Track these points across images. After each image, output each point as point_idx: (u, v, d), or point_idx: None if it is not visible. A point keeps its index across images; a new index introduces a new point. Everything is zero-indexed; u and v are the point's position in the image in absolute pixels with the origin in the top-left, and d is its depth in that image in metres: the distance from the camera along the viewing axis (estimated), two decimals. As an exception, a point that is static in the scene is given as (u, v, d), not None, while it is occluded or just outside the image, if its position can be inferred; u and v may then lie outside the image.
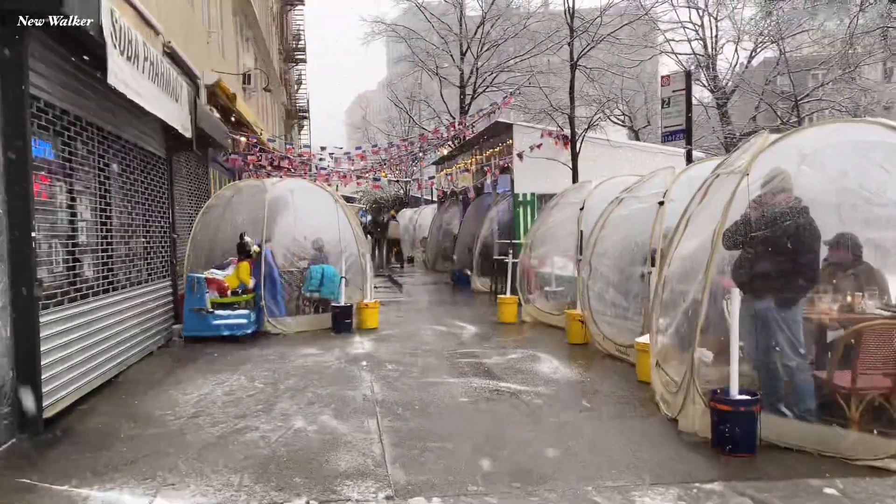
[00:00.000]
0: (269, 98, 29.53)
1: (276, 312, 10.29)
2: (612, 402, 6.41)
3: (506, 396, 6.61)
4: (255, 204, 10.80)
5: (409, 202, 41.98)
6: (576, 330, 9.19)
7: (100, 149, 7.54)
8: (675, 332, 6.01)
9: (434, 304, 14.42)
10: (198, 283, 9.69)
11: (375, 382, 7.22)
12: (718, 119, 28.64)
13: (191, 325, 9.62)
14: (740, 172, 5.31)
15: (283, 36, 38.55)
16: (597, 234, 9.09)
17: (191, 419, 5.97)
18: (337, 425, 5.72)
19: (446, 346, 9.23)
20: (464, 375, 7.49)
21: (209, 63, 15.63)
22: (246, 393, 6.85)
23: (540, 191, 15.89)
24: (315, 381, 7.28)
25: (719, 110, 28.44)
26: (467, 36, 25.72)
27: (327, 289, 10.54)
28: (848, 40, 23.91)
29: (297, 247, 11.16)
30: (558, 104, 16.61)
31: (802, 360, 5.10)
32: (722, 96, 28.20)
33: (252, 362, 8.29)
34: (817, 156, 5.76)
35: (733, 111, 29.70)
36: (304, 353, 8.76)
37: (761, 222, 5.13)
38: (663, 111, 12.11)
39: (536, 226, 12.04)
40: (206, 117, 11.92)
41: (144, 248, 9.22)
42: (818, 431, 4.98)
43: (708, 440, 5.16)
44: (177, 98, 9.23)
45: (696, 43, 28.75)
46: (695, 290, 5.54)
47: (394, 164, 19.47)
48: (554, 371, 7.69)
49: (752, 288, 5.15)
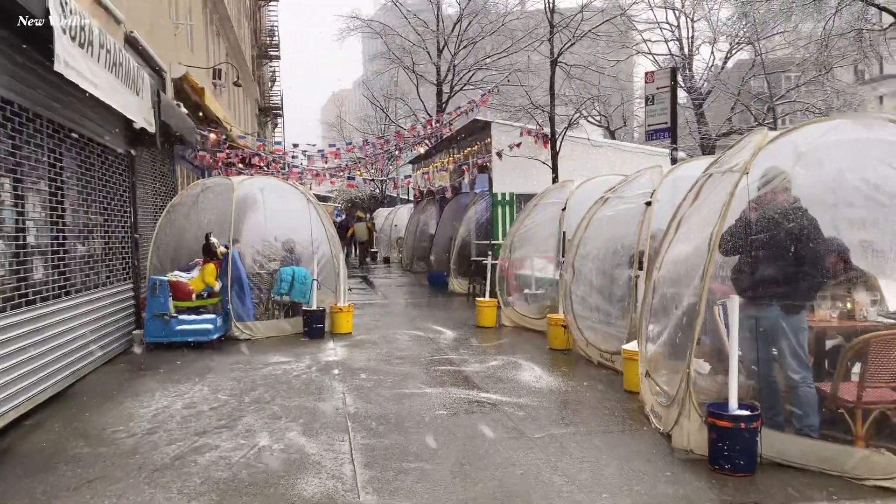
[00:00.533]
0: (240, 94, 28.86)
1: (243, 317, 9.79)
2: (599, 415, 6.04)
3: (487, 409, 6.21)
4: (221, 203, 10.28)
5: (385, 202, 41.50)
6: (558, 335, 8.84)
7: (50, 143, 7.01)
8: (667, 340, 5.66)
9: (410, 306, 13.99)
10: (160, 286, 9.16)
11: (348, 393, 6.78)
12: (695, 120, 28.61)
13: (153, 330, 9.09)
14: (739, 171, 4.97)
15: (257, 32, 37.85)
16: (580, 235, 8.74)
17: (146, 436, 5.49)
18: (305, 443, 5.28)
19: (423, 353, 8.82)
20: (442, 385, 7.08)
21: (177, 56, 15.05)
22: (208, 406, 6.37)
23: (519, 190, 15.55)
24: (283, 392, 6.82)
25: (696, 111, 28.41)
26: (444, 33, 25.30)
27: (298, 292, 10.06)
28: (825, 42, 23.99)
29: (266, 248, 10.66)
30: (538, 102, 16.26)
31: (807, 372, 4.77)
32: (698, 97, 28.16)
33: (217, 371, 7.80)
34: (814, 154, 5.45)
35: (708, 112, 29.71)
36: (273, 361, 8.29)
37: (762, 224, 4.79)
38: (647, 109, 11.78)
39: (516, 226, 11.66)
40: (172, 112, 11.39)
41: (103, 249, 8.68)
42: (822, 448, 4.65)
43: (704, 458, 4.81)
44: (138, 91, 8.70)
45: (672, 44, 28.78)
46: (689, 296, 5.19)
47: (369, 162, 18.97)
48: (536, 380, 7.32)
49: (755, 295, 4.81)
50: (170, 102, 11.57)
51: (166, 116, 10.61)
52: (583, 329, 8.47)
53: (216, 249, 9.60)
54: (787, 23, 26.33)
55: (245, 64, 29.40)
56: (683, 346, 5.20)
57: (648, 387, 6.02)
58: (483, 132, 16.54)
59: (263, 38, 39.74)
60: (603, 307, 8.21)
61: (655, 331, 5.99)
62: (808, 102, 27.82)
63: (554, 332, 8.91)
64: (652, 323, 6.10)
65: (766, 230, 4.78)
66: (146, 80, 9.15)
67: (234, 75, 18.21)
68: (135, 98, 8.59)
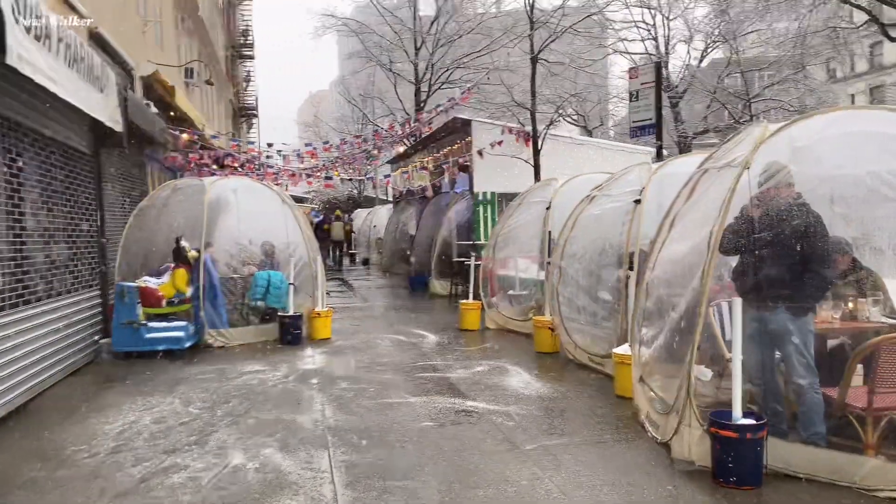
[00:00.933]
0: (214, 94, 28.29)
1: (217, 324, 9.38)
2: (592, 423, 5.75)
3: (474, 418, 5.90)
4: (193, 205, 9.86)
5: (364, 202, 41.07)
6: (545, 338, 8.56)
7: (6, 142, 6.58)
8: (663, 344, 5.38)
9: (391, 309, 13.65)
10: (128, 292, 8.74)
11: (327, 404, 6.44)
12: (672, 118, 28.57)
13: (121, 339, 8.67)
14: (739, 166, 4.70)
15: (231, 31, 37.23)
16: (566, 234, 8.46)
17: (110, 456, 5.11)
18: (282, 461, 4.93)
19: (406, 359, 8.49)
20: (426, 393, 6.76)
21: (146, 54, 14.55)
22: (178, 420, 5.99)
23: (500, 190, 15.28)
24: (259, 404, 6.45)
25: (672, 109, 28.37)
26: (422, 31, 24.95)
27: (274, 297, 9.68)
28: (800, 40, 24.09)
29: (241, 251, 10.27)
30: (519, 100, 15.98)
31: (814, 377, 4.51)
32: (675, 95, 28.13)
33: (188, 382, 7.41)
34: (813, 149, 5.21)
35: (684, 111, 29.72)
36: (249, 370, 7.90)
37: (766, 221, 4.53)
38: (631, 105, 11.55)
39: (499, 226, 11.38)
40: (141, 111, 10.93)
41: (67, 254, 8.24)
42: (830, 458, 4.40)
43: (706, 469, 4.55)
44: (102, 88, 8.28)
45: (648, 42, 28.75)
46: (688, 299, 4.91)
47: (346, 162, 18.57)
48: (525, 386, 7.02)
49: (759, 297, 4.55)
50: (138, 101, 11.11)
51: (134, 115, 10.17)
52: (570, 331, 8.20)
53: (187, 254, 9.20)
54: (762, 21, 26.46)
55: (218, 63, 28.84)
56: (682, 351, 4.93)
57: (643, 393, 5.75)
58: (464, 130, 16.25)
59: (237, 38, 39.13)
60: (591, 309, 7.95)
61: (650, 334, 5.72)
62: (781, 100, 27.99)
63: (541, 334, 8.63)
64: (646, 326, 5.83)
65: (770, 228, 4.52)
66: (111, 77, 8.73)
67: (207, 74, 17.70)
68: (99, 95, 8.16)
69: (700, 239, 4.96)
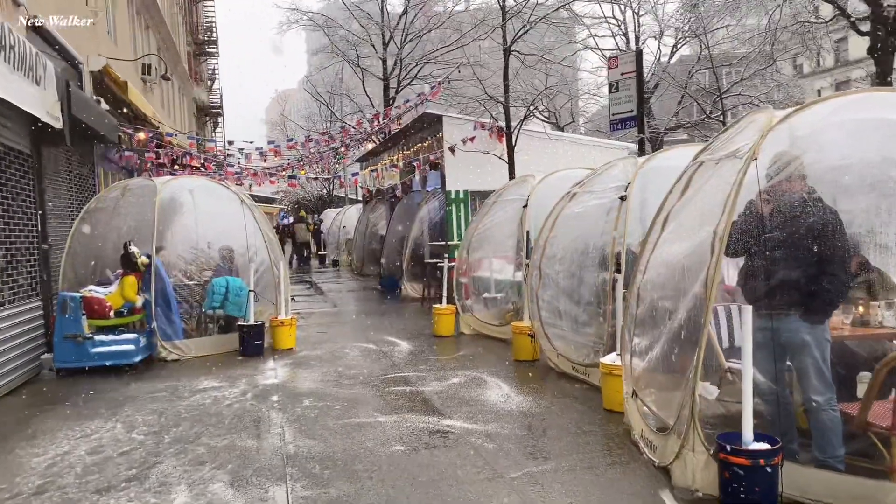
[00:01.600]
0: (176, 92, 27.34)
1: (171, 335, 8.67)
2: (581, 444, 5.22)
3: (451, 441, 5.33)
4: (143, 207, 9.14)
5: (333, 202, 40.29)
6: (524, 346, 8.03)
7: (-80, 139, 5.85)
8: (659, 356, 4.86)
9: (361, 314, 13.02)
10: (71, 303, 8.01)
11: (288, 426, 5.81)
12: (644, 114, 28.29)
13: (63, 354, 7.94)
14: (744, 157, 4.19)
15: (194, 28, 36.17)
16: (546, 235, 7.93)
17: (32, 498, 4.44)
18: (232, 499, 4.31)
19: (376, 370, 7.89)
20: (398, 411, 6.17)
21: (97, 48, 13.71)
22: (118, 450, 5.32)
23: (473, 188, 14.73)
24: (211, 428, 5.81)
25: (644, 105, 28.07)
26: (389, 25, 24.28)
27: (233, 305, 9.01)
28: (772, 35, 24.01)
29: (198, 256, 9.53)
30: (492, 93, 15.42)
31: (832, 392, 4.03)
32: (646, 91, 27.84)
33: (135, 402, 6.73)
34: (815, 137, 4.72)
35: (655, 107, 29.51)
36: (203, 387, 7.24)
37: (778, 219, 4.03)
38: (611, 96, 11.05)
39: (473, 225, 10.82)
40: (87, 106, 10.15)
41: (1, 262, 7.50)
42: (852, 484, 3.91)
43: (713, 498, 4.03)
44: (38, 80, 7.55)
45: (619, 38, 28.50)
46: (689, 306, 4.39)
47: (313, 160, 17.85)
48: (504, 400, 6.47)
49: (770, 303, 4.04)
50: (83, 95, 10.32)
51: (79, 111, 9.41)
52: (551, 338, 7.68)
53: (137, 259, 8.49)
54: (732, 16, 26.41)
55: (180, 60, 27.86)
56: (681, 364, 4.42)
57: (636, 409, 5.23)
58: (434, 127, 15.66)
59: (201, 36, 38.06)
60: (574, 314, 7.42)
61: (643, 344, 5.20)
62: (750, 96, 28.04)
63: (520, 341, 8.10)
64: (638, 335, 5.31)
65: (783, 226, 4.01)
66: (49, 69, 7.98)
67: (163, 68, 16.86)
68: (34, 89, 7.44)
69: (700, 239, 4.45)
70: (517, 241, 9.86)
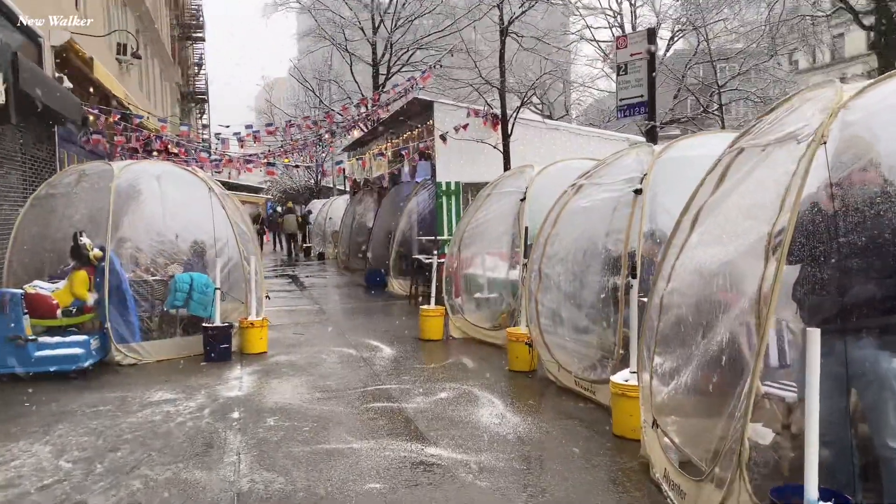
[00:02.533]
0: (158, 76, 26.31)
1: (126, 337, 7.76)
2: (591, 482, 4.38)
3: (437, 475, 4.48)
4: (98, 193, 8.22)
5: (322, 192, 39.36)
6: (521, 355, 7.20)
7: None
8: (689, 382, 4.02)
9: (344, 312, 12.16)
10: (11, 301, 7.09)
11: (245, 453, 4.95)
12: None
13: (2, 359, 7.03)
14: (807, 140, 3.34)
15: (179, 10, 35.04)
16: (548, 231, 7.08)
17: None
18: (161, 559, 3.45)
19: (355, 381, 7.04)
20: (376, 436, 5.31)
21: (62, 22, 12.74)
22: (37, 483, 4.45)
23: (466, 179, 13.89)
24: (154, 454, 4.94)
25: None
26: (380, 8, 23.29)
27: (198, 304, 8.12)
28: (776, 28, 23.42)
29: (163, 249, 8.59)
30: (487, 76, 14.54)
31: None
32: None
33: (73, 418, 5.84)
34: (868, 122, 3.89)
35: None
36: (155, 399, 6.36)
37: (854, 218, 3.19)
38: (619, 79, 10.17)
39: (466, 219, 9.96)
40: (41, 81, 9.24)
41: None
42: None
43: (763, 566, 3.21)
44: (-27, 47, 6.65)
45: (615, 30, 27.76)
46: (731, 326, 3.56)
47: (296, 147, 16.91)
48: (499, 421, 5.62)
49: (839, 323, 3.21)
50: (36, 69, 9.40)
51: (30, 86, 8.51)
52: (552, 347, 6.84)
53: (88, 252, 7.59)
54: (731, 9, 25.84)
55: (161, 43, 26.80)
56: (723, 396, 3.58)
57: (657, 441, 4.40)
58: (425, 114, 14.78)
59: (187, 19, 36.93)
60: (578, 321, 6.58)
61: (666, 366, 4.36)
62: (746, 90, 27.61)
63: (515, 350, 7.27)
64: (660, 354, 4.47)
65: (860, 228, 3.17)
66: (-10, 36, 7.08)
67: (135, 45, 15.85)
68: (-32, 57, 6.54)
69: (747, 242, 3.62)
70: (513, 237, 9.02)
